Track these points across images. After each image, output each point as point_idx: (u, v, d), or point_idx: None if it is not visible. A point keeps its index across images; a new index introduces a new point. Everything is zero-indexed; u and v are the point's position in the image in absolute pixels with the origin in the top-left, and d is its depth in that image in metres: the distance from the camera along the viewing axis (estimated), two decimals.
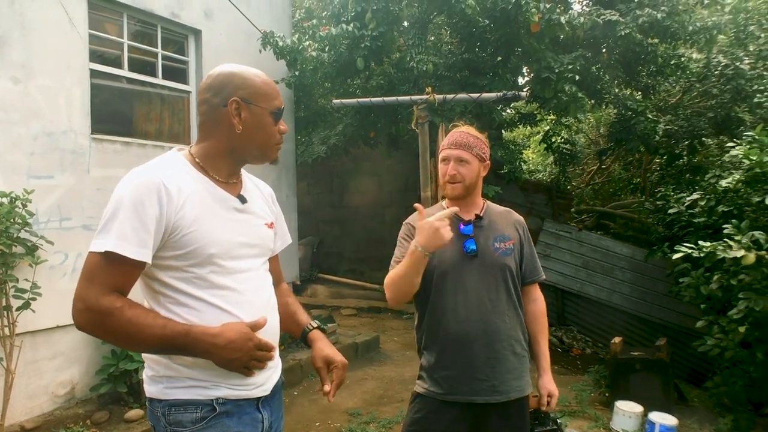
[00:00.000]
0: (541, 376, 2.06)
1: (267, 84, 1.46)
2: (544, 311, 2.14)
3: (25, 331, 3.80)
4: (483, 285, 1.95)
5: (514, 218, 2.12)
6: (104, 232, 1.28)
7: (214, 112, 1.42)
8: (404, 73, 6.37)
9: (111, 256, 1.26)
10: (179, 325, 1.30)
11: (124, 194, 1.30)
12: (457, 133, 2.05)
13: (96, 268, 1.28)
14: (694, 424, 4.36)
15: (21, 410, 3.92)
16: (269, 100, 1.44)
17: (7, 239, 3.46)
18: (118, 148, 4.65)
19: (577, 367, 6.38)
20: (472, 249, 1.95)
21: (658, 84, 7.50)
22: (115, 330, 1.27)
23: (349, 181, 10.20)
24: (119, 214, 1.28)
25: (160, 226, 1.30)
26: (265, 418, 1.48)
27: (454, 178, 2.00)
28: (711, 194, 4.52)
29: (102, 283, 1.27)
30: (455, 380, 1.93)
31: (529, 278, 2.09)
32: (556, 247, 7.57)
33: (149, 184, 1.30)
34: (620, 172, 10.41)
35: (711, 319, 3.81)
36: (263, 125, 1.44)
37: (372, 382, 5.38)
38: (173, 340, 1.29)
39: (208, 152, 1.45)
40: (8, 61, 3.90)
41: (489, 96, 5.02)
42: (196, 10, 5.45)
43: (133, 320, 1.26)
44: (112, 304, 1.25)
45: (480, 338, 1.91)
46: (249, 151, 1.46)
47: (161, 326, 1.28)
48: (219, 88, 1.42)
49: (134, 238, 1.27)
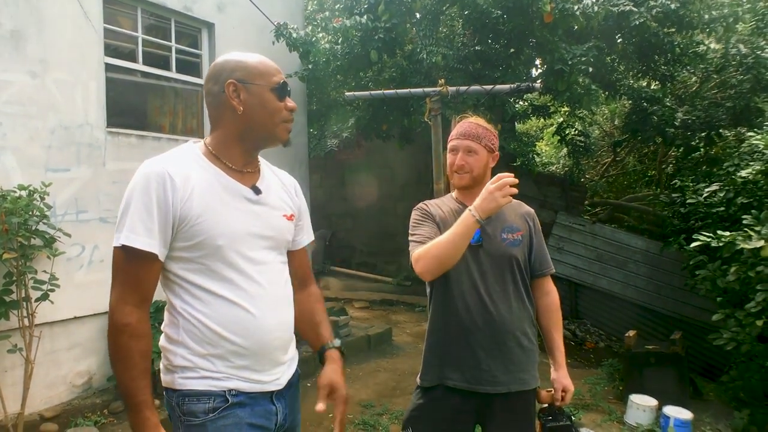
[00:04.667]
0: (555, 371, 2.02)
1: (262, 63, 1.45)
2: (557, 304, 2.09)
3: (43, 321, 3.87)
4: (489, 275, 1.94)
5: (524, 210, 2.11)
6: (120, 226, 1.32)
7: (216, 100, 1.44)
8: (416, 65, 6.33)
9: (126, 251, 1.30)
10: (143, 394, 1.30)
11: (133, 187, 1.33)
12: (465, 123, 2.05)
13: (117, 266, 1.34)
14: (710, 419, 4.32)
15: (40, 399, 4.00)
16: (267, 77, 1.43)
17: (26, 231, 3.52)
18: (133, 141, 4.70)
19: (590, 361, 6.35)
20: (477, 238, 1.93)
21: (676, 73, 7.37)
22: (111, 342, 1.33)
23: (361, 174, 10.19)
24: (130, 208, 1.31)
25: (168, 217, 1.31)
26: (279, 410, 1.48)
27: (462, 169, 2.00)
28: (730, 185, 4.45)
29: (123, 282, 1.32)
30: (457, 368, 1.93)
31: (539, 271, 2.06)
32: (569, 240, 7.51)
33: (154, 175, 1.32)
34: (635, 164, 10.28)
35: (727, 313, 3.75)
36: (264, 102, 1.42)
37: (384, 374, 5.40)
38: (128, 397, 1.31)
39: (219, 141, 1.45)
40: (25, 56, 3.95)
41: (502, 88, 4.97)
42: (209, 3, 5.47)
43: (123, 350, 1.31)
44: (123, 320, 1.31)
45: (484, 328, 1.90)
46: (256, 132, 1.45)
47: (131, 379, 1.30)
48: (216, 75, 1.43)
49: (142, 230, 1.29)
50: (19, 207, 3.48)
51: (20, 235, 3.47)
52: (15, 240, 3.46)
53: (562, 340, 2.07)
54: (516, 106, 7.87)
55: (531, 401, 2.00)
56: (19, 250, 3.48)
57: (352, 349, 5.75)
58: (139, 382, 1.29)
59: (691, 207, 5.04)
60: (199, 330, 1.36)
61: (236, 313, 1.38)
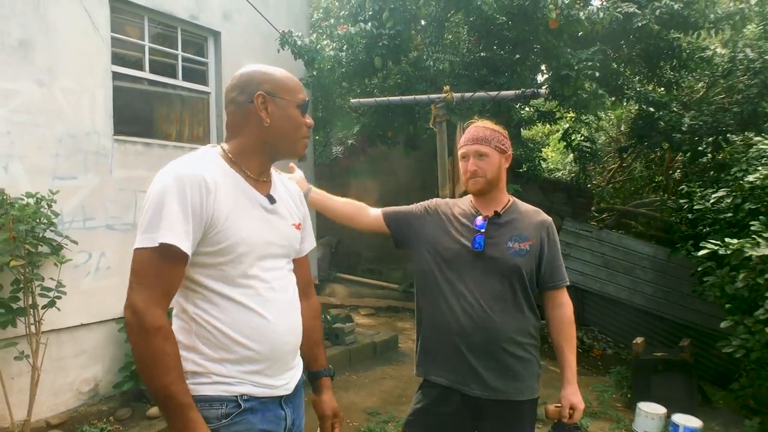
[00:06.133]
0: (564, 387, 1.95)
1: (289, 78, 1.48)
2: (569, 318, 2.00)
3: (50, 329, 3.87)
4: (486, 282, 1.91)
5: (540, 219, 2.03)
6: (152, 226, 1.27)
7: (241, 110, 1.44)
8: (421, 72, 6.35)
9: (164, 250, 1.26)
10: (185, 397, 1.27)
11: (167, 187, 1.29)
12: (473, 128, 2.04)
13: (145, 267, 1.28)
14: (719, 427, 4.27)
15: (46, 406, 4.01)
16: (294, 93, 1.46)
17: (33, 239, 3.53)
18: (139, 149, 4.72)
19: (598, 368, 6.30)
20: (477, 245, 1.93)
21: (682, 78, 7.35)
22: (142, 346, 1.26)
23: (367, 181, 10.19)
24: (164, 208, 1.27)
25: (201, 221, 1.31)
26: (288, 415, 1.49)
27: (475, 174, 1.98)
28: (737, 191, 4.42)
29: (154, 283, 1.27)
30: (447, 368, 1.94)
31: (549, 283, 1.99)
32: (576, 247, 7.48)
33: (189, 178, 1.31)
34: (641, 170, 10.25)
35: (736, 320, 3.71)
36: (290, 117, 1.45)
37: (390, 381, 5.38)
38: (169, 400, 1.26)
39: (240, 148, 1.46)
40: (33, 65, 3.99)
41: (507, 94, 4.97)
42: (215, 11, 5.51)
43: (159, 353, 1.25)
44: (156, 322, 1.25)
45: (474, 333, 1.88)
46: (279, 144, 1.47)
47: (171, 382, 1.26)
48: (244, 85, 1.44)
49: (182, 231, 1.27)
50: (26, 215, 3.50)
51: (27, 242, 3.49)
52: (22, 247, 3.47)
53: (575, 356, 1.98)
54: (522, 112, 7.87)
55: (526, 412, 1.95)
56: (26, 257, 3.49)
57: (357, 356, 5.74)
58: (178, 385, 1.26)
59: (698, 213, 5.01)
60: (213, 335, 1.36)
61: (251, 318, 1.38)
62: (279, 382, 1.46)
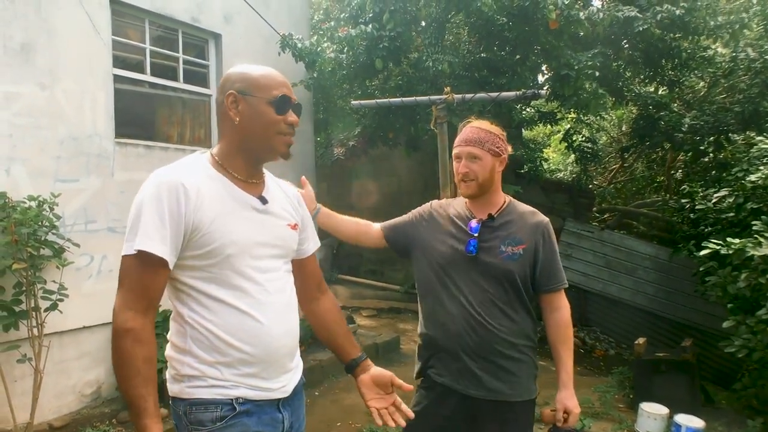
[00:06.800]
0: (559, 390, 1.94)
1: (265, 76, 1.46)
2: (566, 321, 1.98)
3: (52, 331, 3.89)
4: (480, 286, 1.91)
5: (536, 221, 1.99)
6: (131, 234, 1.32)
7: (219, 110, 1.47)
8: (422, 73, 6.35)
9: (142, 257, 1.29)
10: (143, 401, 1.27)
11: (145, 195, 1.33)
12: (468, 128, 2.00)
13: (125, 272, 1.33)
14: (722, 427, 4.26)
15: (49, 409, 4.02)
16: (266, 90, 1.43)
17: (35, 242, 3.54)
18: (141, 151, 4.73)
19: (600, 368, 6.29)
20: (470, 249, 1.92)
21: (684, 78, 7.34)
22: (114, 348, 1.30)
23: (368, 182, 10.20)
24: (142, 215, 1.31)
25: (180, 226, 1.32)
26: (286, 418, 1.49)
27: (467, 176, 1.95)
28: (739, 191, 4.42)
29: (129, 288, 1.31)
30: (444, 367, 1.95)
31: (545, 286, 1.97)
32: (577, 247, 7.46)
33: (168, 184, 1.33)
34: (643, 170, 10.23)
35: (738, 320, 3.71)
36: (259, 114, 1.42)
37: None
38: (130, 404, 1.28)
39: (223, 151, 1.47)
40: (35, 68, 4.00)
41: (508, 95, 4.97)
42: (216, 14, 5.52)
43: (126, 356, 1.27)
44: (124, 324, 1.28)
45: (468, 336, 1.90)
46: (251, 143, 1.45)
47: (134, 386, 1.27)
48: (222, 86, 1.46)
49: (157, 236, 1.30)
50: (28, 218, 3.51)
51: (30, 245, 3.50)
52: (24, 250, 3.48)
53: (571, 359, 1.97)
54: (523, 112, 7.87)
55: (523, 412, 1.95)
56: (28, 260, 3.50)
57: None
58: (141, 389, 1.26)
59: (700, 212, 5.01)
60: (207, 338, 1.37)
61: (244, 321, 1.38)
62: (275, 384, 1.45)
